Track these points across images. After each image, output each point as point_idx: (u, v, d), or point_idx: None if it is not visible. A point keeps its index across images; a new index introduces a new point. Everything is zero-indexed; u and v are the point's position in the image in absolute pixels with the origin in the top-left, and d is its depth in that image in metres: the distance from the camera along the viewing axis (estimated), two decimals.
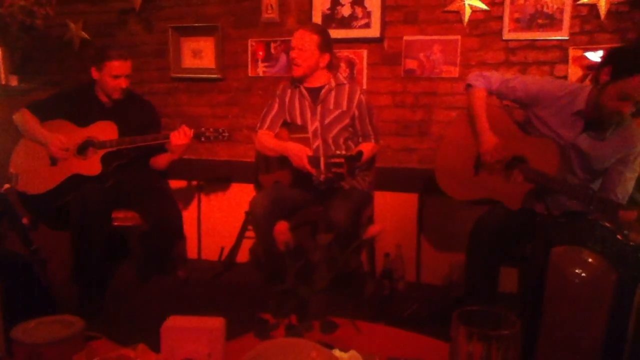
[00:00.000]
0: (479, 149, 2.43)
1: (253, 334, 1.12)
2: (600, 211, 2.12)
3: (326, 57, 2.74)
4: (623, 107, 2.09)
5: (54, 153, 2.73)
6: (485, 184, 2.44)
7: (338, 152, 2.57)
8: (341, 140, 2.77)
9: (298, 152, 2.55)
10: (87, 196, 2.59)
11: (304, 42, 2.67)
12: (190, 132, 2.71)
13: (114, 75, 2.76)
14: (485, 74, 2.51)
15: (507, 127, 2.46)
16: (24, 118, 2.81)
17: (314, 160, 2.50)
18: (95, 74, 2.80)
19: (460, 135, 2.57)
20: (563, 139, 2.31)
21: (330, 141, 2.75)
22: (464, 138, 2.55)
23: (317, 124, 2.75)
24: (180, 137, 2.70)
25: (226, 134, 2.76)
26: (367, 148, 2.72)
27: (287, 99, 2.84)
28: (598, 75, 2.19)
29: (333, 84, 2.77)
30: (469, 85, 2.54)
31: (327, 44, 2.73)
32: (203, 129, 2.75)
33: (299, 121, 2.80)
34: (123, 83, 2.79)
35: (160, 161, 2.91)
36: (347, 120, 2.75)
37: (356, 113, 2.75)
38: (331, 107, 2.75)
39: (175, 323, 1.08)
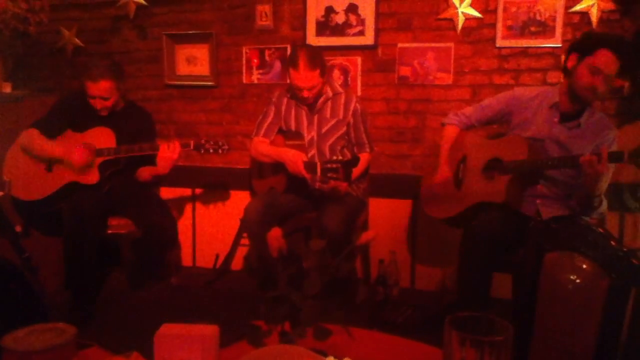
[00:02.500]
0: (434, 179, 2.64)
1: (246, 341, 1.12)
2: (562, 166, 2.30)
3: (326, 76, 2.73)
4: (595, 81, 2.20)
5: (77, 164, 2.67)
6: (469, 193, 2.52)
7: (334, 157, 2.57)
8: (337, 149, 2.77)
9: (293, 158, 2.54)
10: (81, 204, 2.57)
11: (312, 83, 2.62)
12: (178, 149, 2.64)
13: (89, 96, 2.71)
14: (459, 112, 2.68)
15: (478, 141, 2.60)
16: (32, 138, 2.74)
17: (310, 166, 2.50)
18: None
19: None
20: (539, 134, 2.40)
21: (326, 150, 2.75)
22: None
23: (313, 133, 2.75)
24: (167, 150, 2.64)
25: (226, 147, 2.72)
26: (362, 159, 2.73)
27: (283, 107, 2.83)
28: (566, 64, 2.33)
29: (330, 93, 2.77)
30: (443, 124, 2.72)
31: (324, 67, 2.69)
32: (203, 140, 2.71)
33: (294, 129, 2.80)
34: (98, 104, 2.72)
35: (145, 173, 2.83)
36: (343, 129, 2.76)
37: (351, 121, 2.76)
38: (328, 116, 2.75)
39: (168, 331, 1.08)
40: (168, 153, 2.64)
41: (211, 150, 2.71)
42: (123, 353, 1.14)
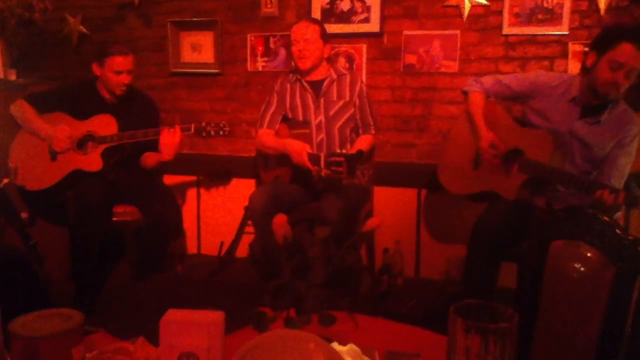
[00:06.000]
0: (477, 145, 2.50)
1: (252, 327, 1.12)
2: (582, 190, 2.23)
3: (328, 48, 2.75)
4: (617, 77, 2.16)
5: (56, 145, 2.70)
6: (484, 177, 2.49)
7: (338, 150, 2.56)
8: (347, 131, 2.77)
9: (298, 149, 2.54)
10: (86, 192, 2.58)
11: (308, 34, 2.66)
12: (178, 133, 2.64)
13: (116, 71, 2.72)
14: (479, 79, 2.61)
15: (505, 122, 2.53)
16: (22, 109, 2.78)
17: (314, 158, 2.49)
18: (97, 70, 2.77)
19: (461, 134, 2.66)
20: (561, 128, 2.36)
21: (335, 133, 2.74)
22: (464, 137, 2.63)
23: (321, 117, 2.75)
24: (168, 135, 2.64)
25: (227, 129, 2.71)
26: (365, 142, 2.73)
27: (287, 94, 2.82)
28: (585, 63, 2.29)
29: (334, 75, 2.77)
30: (464, 92, 2.64)
31: (326, 35, 2.74)
32: (204, 123, 2.70)
33: (300, 116, 2.79)
34: (125, 79, 2.75)
35: (149, 159, 2.85)
36: (351, 110, 2.76)
37: (357, 102, 2.76)
38: (334, 98, 2.75)
39: (174, 317, 1.08)
40: (169, 138, 2.64)
41: (212, 133, 2.70)
42: (129, 339, 1.15)
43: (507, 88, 2.52)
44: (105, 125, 2.74)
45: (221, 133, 2.71)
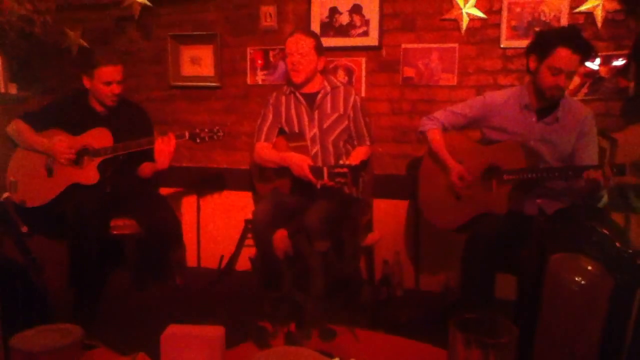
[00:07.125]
0: (449, 179, 2.54)
1: (252, 343, 1.12)
2: (566, 177, 2.31)
3: (322, 60, 2.76)
4: (558, 81, 2.26)
5: (59, 156, 2.70)
6: (470, 204, 2.51)
7: (341, 161, 2.56)
8: (341, 144, 2.77)
9: (299, 162, 2.54)
10: (84, 204, 2.58)
11: (302, 47, 2.67)
12: (172, 140, 2.63)
13: (106, 82, 2.70)
14: (431, 116, 2.68)
15: (470, 146, 2.60)
16: (19, 129, 2.80)
17: (316, 170, 2.49)
18: (86, 82, 2.76)
19: (432, 172, 2.69)
20: (523, 136, 2.43)
21: (329, 145, 2.75)
22: (436, 174, 2.66)
23: (315, 129, 2.75)
24: (162, 143, 2.63)
25: (221, 133, 2.70)
26: (361, 153, 2.74)
27: (282, 107, 2.83)
28: (528, 67, 2.39)
29: (328, 88, 2.77)
30: (421, 132, 2.70)
31: (321, 47, 2.76)
32: (198, 129, 2.69)
33: (296, 128, 2.79)
34: (116, 89, 2.73)
35: (146, 169, 2.84)
36: (345, 123, 2.76)
37: (351, 114, 2.76)
38: (328, 111, 2.76)
39: (175, 331, 1.08)
40: (163, 146, 2.63)
41: (207, 138, 2.69)
42: (129, 354, 1.15)
43: (462, 116, 2.60)
44: (100, 138, 2.75)
45: (215, 138, 2.70)
